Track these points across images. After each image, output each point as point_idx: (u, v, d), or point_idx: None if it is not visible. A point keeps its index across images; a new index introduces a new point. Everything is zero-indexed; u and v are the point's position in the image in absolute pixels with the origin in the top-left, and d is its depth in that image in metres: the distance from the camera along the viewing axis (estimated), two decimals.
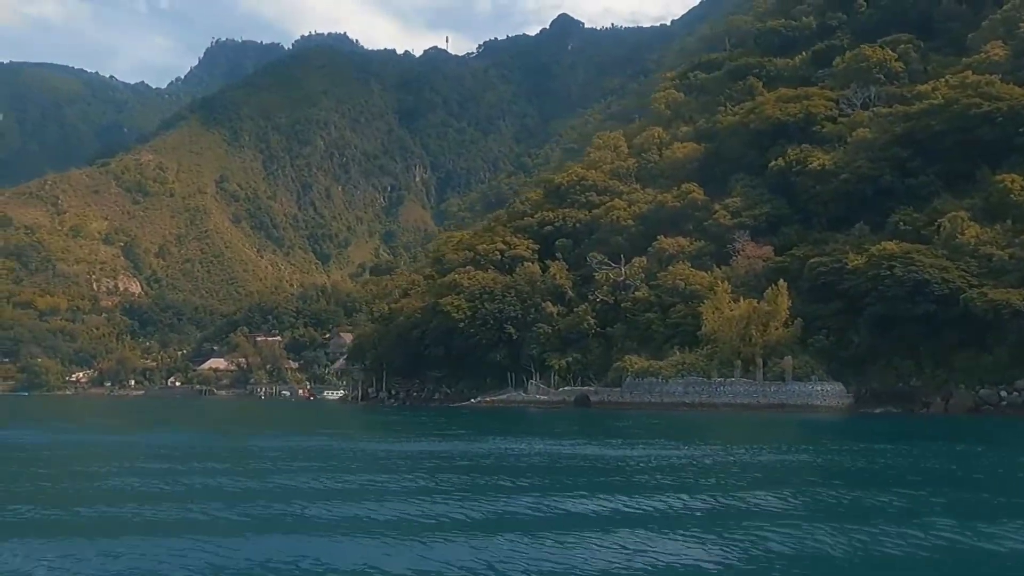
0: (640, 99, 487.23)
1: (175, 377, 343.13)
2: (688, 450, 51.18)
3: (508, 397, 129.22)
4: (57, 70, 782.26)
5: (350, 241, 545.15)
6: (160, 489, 32.57)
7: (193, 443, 60.36)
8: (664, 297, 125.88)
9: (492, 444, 56.11)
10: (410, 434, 69.23)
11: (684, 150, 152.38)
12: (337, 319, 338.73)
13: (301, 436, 67.06)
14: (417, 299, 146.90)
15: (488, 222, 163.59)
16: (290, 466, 41.50)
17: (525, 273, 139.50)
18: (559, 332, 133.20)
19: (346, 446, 55.59)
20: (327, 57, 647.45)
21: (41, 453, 51.74)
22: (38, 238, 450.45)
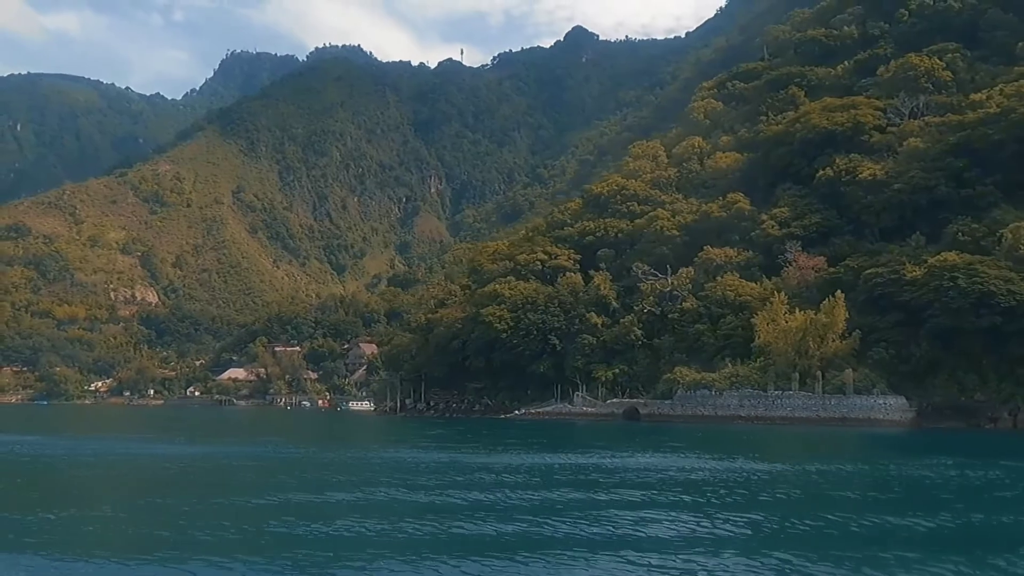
0: (657, 111, 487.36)
1: (194, 387, 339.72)
2: (806, 466, 48.62)
3: (554, 409, 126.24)
4: (74, 81, 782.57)
5: (365, 252, 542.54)
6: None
7: (326, 456, 59.46)
8: (713, 308, 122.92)
9: (584, 458, 54.30)
10: (494, 447, 66.43)
11: (726, 160, 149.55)
12: (356, 330, 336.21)
13: (411, 450, 64.37)
14: (456, 309, 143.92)
15: (526, 232, 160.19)
16: (475, 480, 41.16)
17: (568, 283, 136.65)
18: (604, 343, 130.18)
19: (464, 460, 54.02)
20: (343, 68, 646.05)
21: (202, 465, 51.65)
22: (56, 247, 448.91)
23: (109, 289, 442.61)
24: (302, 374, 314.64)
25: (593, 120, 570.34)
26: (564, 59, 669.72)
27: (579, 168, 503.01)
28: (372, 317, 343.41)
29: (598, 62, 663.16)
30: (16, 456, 59.81)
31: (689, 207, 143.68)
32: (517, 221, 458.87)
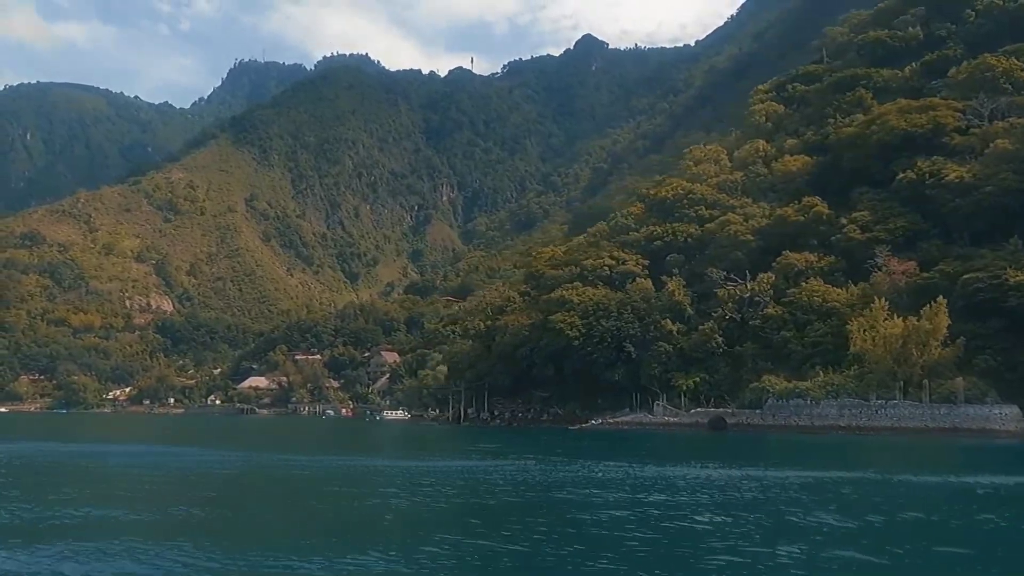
0: (671, 118, 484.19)
1: (215, 395, 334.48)
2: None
3: (633, 419, 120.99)
4: (83, 90, 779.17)
5: (378, 260, 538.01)
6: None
7: (417, 468, 54.14)
8: (799, 314, 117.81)
9: (715, 471, 50.41)
10: (598, 458, 61.36)
11: (795, 163, 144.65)
12: (376, 338, 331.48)
13: (536, 461, 59.00)
14: (520, 316, 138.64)
15: (588, 236, 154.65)
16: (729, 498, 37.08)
17: (639, 289, 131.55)
18: (681, 350, 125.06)
19: (639, 473, 49.00)
20: (354, 77, 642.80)
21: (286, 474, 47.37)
22: (71, 256, 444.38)
23: (124, 297, 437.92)
24: (324, 382, 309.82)
25: (605, 128, 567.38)
26: (574, 67, 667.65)
27: (592, 176, 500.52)
28: (392, 325, 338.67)
29: (608, 70, 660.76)
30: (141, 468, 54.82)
31: (761, 211, 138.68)
32: (532, 229, 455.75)
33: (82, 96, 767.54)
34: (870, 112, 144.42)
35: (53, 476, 47.13)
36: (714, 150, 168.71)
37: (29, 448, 78.98)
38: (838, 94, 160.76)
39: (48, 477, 46.58)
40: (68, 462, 61.56)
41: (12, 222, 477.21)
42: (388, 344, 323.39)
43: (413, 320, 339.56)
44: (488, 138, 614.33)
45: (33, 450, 75.27)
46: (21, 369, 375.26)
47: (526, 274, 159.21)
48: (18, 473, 51.17)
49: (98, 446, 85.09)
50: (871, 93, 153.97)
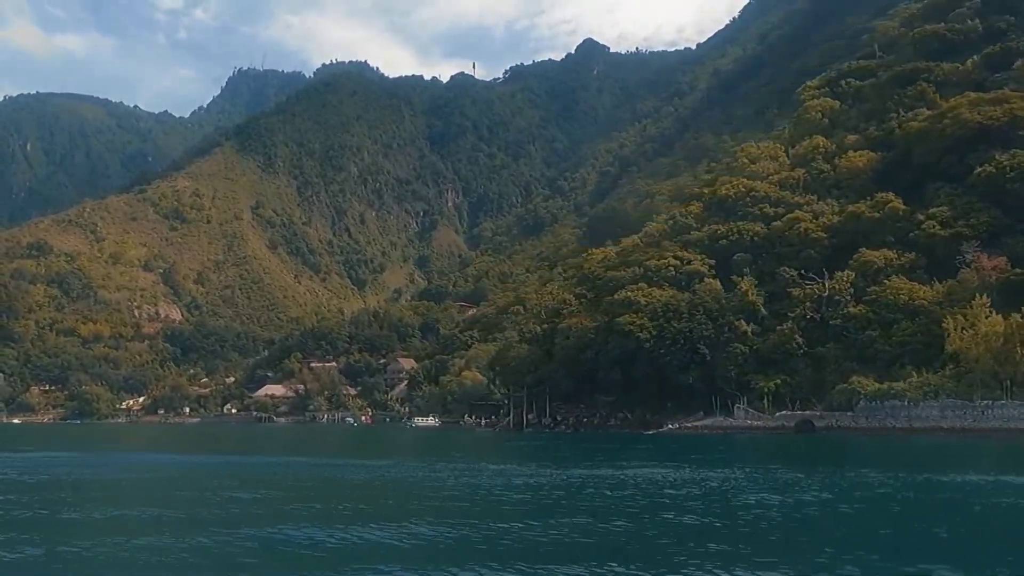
0: (677, 121, 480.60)
1: (231, 404, 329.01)
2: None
3: (713, 423, 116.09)
4: (83, 100, 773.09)
5: (385, 266, 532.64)
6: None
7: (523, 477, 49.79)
8: (883, 313, 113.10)
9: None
10: (751, 464, 57.14)
11: (861, 159, 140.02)
12: (391, 344, 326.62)
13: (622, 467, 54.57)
14: (582, 319, 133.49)
15: (648, 237, 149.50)
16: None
17: (708, 290, 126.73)
18: (757, 352, 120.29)
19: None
20: (356, 83, 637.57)
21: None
22: (78, 265, 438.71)
23: (133, 306, 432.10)
24: (341, 390, 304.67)
25: (609, 131, 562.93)
26: (576, 72, 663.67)
27: (599, 179, 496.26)
28: (406, 331, 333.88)
29: (610, 74, 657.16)
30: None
31: (830, 208, 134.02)
32: (540, 233, 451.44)
33: (82, 106, 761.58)
34: (935, 106, 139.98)
35: (213, 491, 42.05)
36: (770, 147, 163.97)
37: (120, 459, 74.69)
38: (897, 88, 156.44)
39: (211, 492, 41.52)
40: (189, 474, 56.69)
41: (19, 232, 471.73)
42: (403, 350, 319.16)
43: (428, 326, 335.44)
44: (492, 143, 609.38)
45: (134, 462, 70.47)
46: (32, 380, 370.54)
47: (579, 276, 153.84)
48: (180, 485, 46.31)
49: (163, 456, 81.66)
50: (933, 87, 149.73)
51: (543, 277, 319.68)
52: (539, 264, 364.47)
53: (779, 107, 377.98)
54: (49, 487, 46.44)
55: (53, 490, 44.47)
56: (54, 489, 45.08)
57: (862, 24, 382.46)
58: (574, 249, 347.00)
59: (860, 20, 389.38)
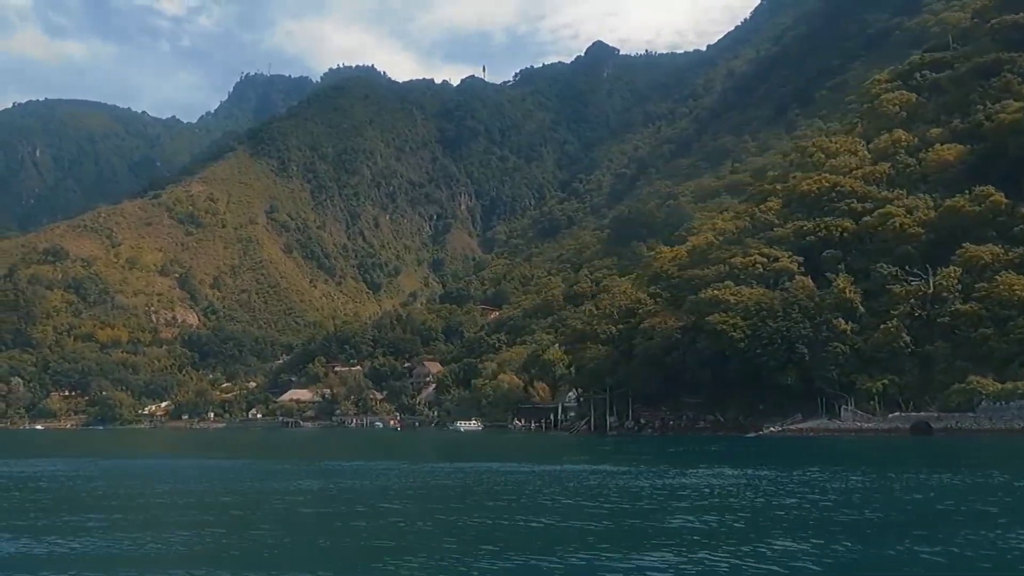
0: (695, 121, 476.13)
1: (256, 409, 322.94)
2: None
3: (818, 425, 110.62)
4: (90, 106, 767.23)
5: (400, 270, 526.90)
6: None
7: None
8: (996, 310, 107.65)
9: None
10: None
11: (949, 152, 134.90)
12: (415, 348, 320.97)
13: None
14: (665, 318, 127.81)
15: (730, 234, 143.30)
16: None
17: (801, 288, 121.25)
18: (857, 351, 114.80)
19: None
20: (368, 87, 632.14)
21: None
22: (95, 270, 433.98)
23: (150, 311, 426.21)
24: (368, 394, 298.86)
25: (621, 134, 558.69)
26: (585, 74, 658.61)
27: (615, 182, 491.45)
28: (430, 335, 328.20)
29: (620, 76, 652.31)
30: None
31: (923, 203, 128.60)
32: (557, 236, 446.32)
33: (90, 112, 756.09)
34: (1022, 97, 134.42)
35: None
36: (848, 142, 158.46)
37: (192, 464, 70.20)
38: (979, 80, 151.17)
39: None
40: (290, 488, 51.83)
41: (35, 238, 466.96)
42: (428, 354, 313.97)
43: (451, 329, 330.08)
44: (504, 146, 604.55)
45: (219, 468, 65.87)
46: (52, 386, 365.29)
47: (650, 275, 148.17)
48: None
49: (231, 462, 78.17)
50: (1019, 78, 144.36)
51: (568, 280, 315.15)
52: (561, 266, 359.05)
53: (800, 107, 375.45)
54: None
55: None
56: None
57: (883, 23, 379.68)
58: (599, 250, 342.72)
59: (881, 19, 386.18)
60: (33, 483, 53.39)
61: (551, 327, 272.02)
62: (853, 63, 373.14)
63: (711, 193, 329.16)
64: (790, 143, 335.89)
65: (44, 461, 75.83)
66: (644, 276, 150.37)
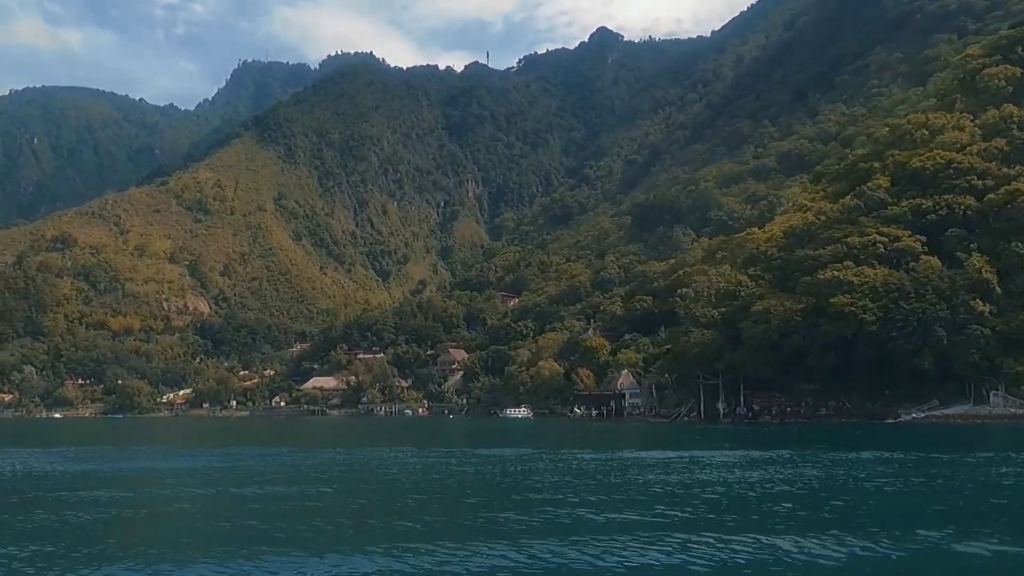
0: (708, 107, 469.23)
1: (279, 397, 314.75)
2: None
3: (967, 411, 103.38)
4: (89, 94, 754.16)
5: (408, 258, 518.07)
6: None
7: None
8: None
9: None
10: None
11: None
12: (437, 335, 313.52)
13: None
14: (780, 300, 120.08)
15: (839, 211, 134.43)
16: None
17: (931, 268, 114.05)
18: (998, 333, 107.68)
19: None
20: (373, 74, 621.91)
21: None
22: (104, 258, 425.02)
23: (161, 299, 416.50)
24: (394, 381, 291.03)
25: (628, 120, 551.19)
26: (590, 61, 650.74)
27: (626, 168, 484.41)
28: (451, 322, 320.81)
29: (624, 63, 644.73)
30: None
31: None
32: (569, 223, 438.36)
33: (88, 100, 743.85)
34: None
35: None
36: (955, 117, 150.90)
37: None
38: None
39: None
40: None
41: (42, 225, 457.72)
42: (451, 341, 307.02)
43: (472, 316, 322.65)
44: (510, 132, 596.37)
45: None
46: (66, 374, 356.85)
47: (744, 257, 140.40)
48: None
49: (339, 454, 72.45)
50: None
51: (594, 266, 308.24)
52: (581, 253, 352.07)
53: (821, 92, 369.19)
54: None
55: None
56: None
57: (905, 6, 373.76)
58: (622, 237, 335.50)
59: (902, 2, 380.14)
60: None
61: (580, 313, 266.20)
62: (874, 48, 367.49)
63: (734, 178, 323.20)
64: (813, 128, 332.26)
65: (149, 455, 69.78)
66: (736, 258, 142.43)
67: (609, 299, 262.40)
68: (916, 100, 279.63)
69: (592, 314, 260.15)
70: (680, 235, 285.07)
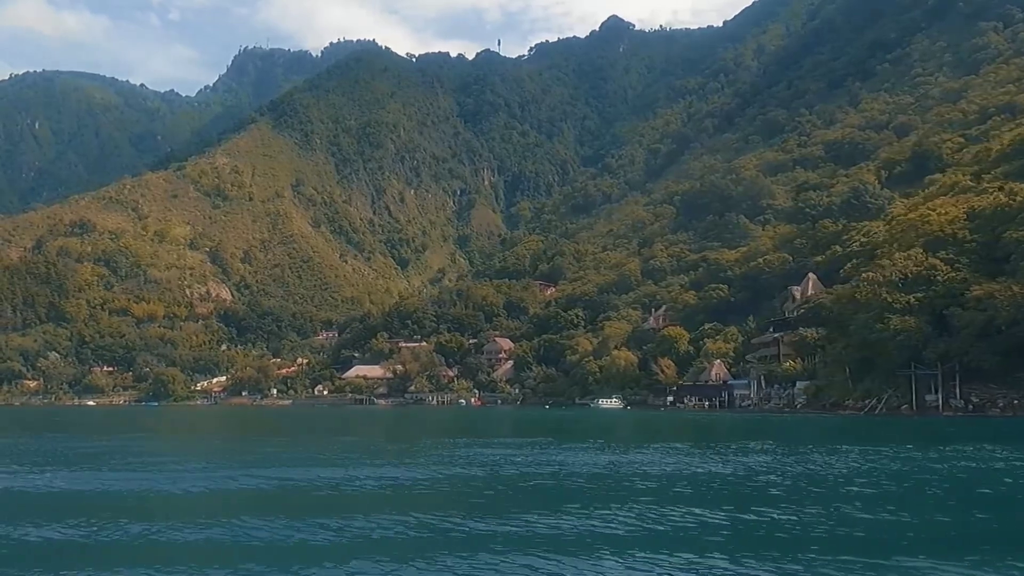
0: (736, 96, 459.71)
1: (323, 386, 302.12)
2: None
3: None
4: (89, 79, 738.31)
5: (427, 246, 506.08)
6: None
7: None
8: None
9: None
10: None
11: None
12: (477, 323, 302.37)
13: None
14: (1005, 286, 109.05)
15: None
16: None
17: None
18: None
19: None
20: (388, 60, 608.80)
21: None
22: (124, 243, 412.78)
23: (183, 286, 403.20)
24: (441, 371, 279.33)
25: (645, 109, 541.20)
26: (601, 49, 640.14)
27: (648, 157, 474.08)
28: (491, 311, 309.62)
29: (635, 52, 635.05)
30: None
31: None
32: (592, 211, 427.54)
33: (89, 85, 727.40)
34: None
35: None
36: None
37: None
38: None
39: None
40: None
41: (60, 210, 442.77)
42: (493, 330, 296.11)
43: (512, 305, 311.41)
44: (524, 121, 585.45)
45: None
46: (93, 360, 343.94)
47: (927, 239, 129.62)
48: None
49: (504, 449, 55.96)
50: None
51: (644, 255, 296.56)
52: (618, 241, 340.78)
53: (861, 79, 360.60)
54: None
55: None
56: None
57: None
58: (667, 225, 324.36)
59: None
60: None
61: (636, 303, 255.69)
62: (915, 35, 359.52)
63: (779, 166, 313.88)
64: (858, 116, 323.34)
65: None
66: (915, 239, 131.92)
67: (666, 288, 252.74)
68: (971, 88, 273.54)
69: (648, 303, 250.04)
70: (745, 223, 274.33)
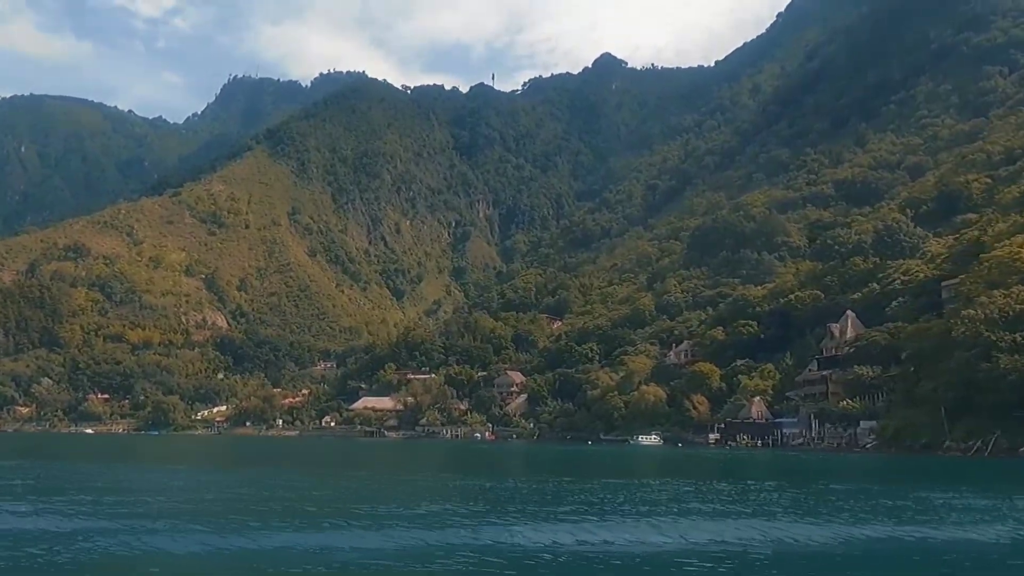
0: (737, 133, 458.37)
1: (330, 417, 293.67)
2: None
3: None
4: (77, 103, 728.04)
5: (422, 277, 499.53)
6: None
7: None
8: None
9: None
10: None
11: None
12: (486, 356, 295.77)
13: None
14: None
15: None
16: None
17: None
18: None
19: None
20: (384, 90, 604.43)
21: None
22: (119, 269, 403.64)
23: (179, 312, 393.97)
24: (452, 403, 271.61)
25: (636, 146, 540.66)
26: (594, 86, 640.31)
27: (646, 192, 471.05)
28: (499, 343, 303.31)
29: (628, 89, 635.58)
30: None
31: None
32: (592, 246, 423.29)
33: (77, 109, 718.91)
34: None
35: None
36: None
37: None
38: None
39: None
40: None
41: (54, 233, 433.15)
42: (502, 362, 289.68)
43: (520, 338, 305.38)
44: (519, 154, 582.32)
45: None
46: (89, 387, 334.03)
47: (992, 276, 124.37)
48: None
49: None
50: None
51: (659, 290, 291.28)
52: (624, 276, 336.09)
53: (866, 119, 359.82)
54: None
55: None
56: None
57: (949, 38, 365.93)
58: (677, 260, 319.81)
59: (945, 33, 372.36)
60: None
61: (652, 337, 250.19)
62: (919, 78, 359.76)
63: (789, 204, 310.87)
64: (867, 156, 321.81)
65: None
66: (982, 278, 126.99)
67: (684, 322, 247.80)
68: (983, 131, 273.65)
69: (666, 338, 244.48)
70: (770, 260, 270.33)
